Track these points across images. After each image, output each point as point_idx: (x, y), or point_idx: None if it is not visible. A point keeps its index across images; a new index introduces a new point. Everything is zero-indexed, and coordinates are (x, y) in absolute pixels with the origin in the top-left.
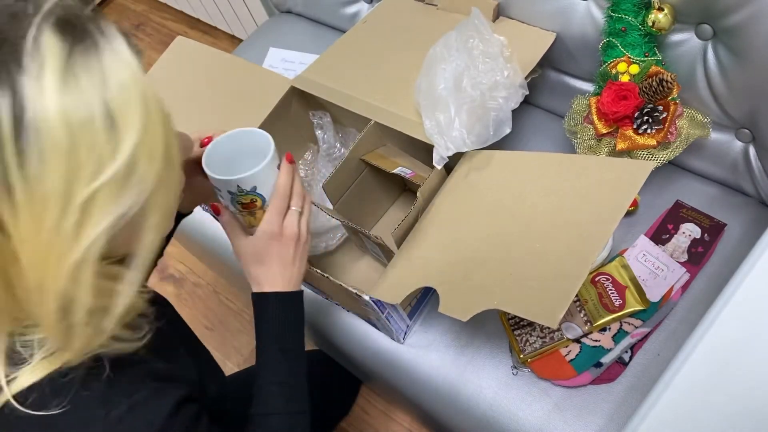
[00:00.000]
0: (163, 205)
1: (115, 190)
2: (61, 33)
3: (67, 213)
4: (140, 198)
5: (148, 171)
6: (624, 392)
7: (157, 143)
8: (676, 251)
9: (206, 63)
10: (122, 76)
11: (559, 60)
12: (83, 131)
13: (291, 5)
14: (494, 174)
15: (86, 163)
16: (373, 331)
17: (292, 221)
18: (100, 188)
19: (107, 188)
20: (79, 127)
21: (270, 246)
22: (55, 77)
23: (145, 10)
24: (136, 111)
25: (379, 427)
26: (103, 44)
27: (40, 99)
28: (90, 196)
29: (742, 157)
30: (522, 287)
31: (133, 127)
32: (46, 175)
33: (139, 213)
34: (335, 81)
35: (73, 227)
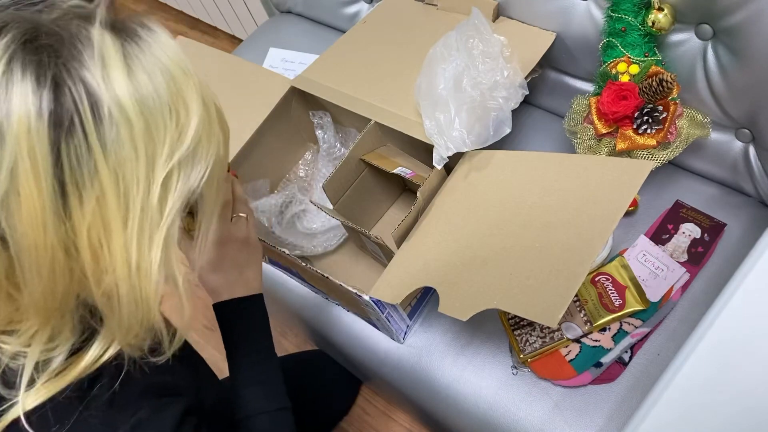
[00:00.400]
0: (216, 184)
1: (186, 167)
2: (111, 31)
3: (152, 192)
4: (204, 174)
5: (209, 149)
6: (624, 392)
7: (213, 123)
8: (676, 251)
9: (206, 63)
10: (174, 67)
11: (559, 60)
12: (154, 115)
13: (291, 5)
14: (494, 174)
15: (161, 144)
16: (373, 331)
17: (239, 227)
18: (175, 166)
19: (180, 166)
20: (150, 111)
21: (223, 252)
22: (120, 69)
23: (145, 10)
24: (192, 93)
25: (379, 427)
26: (150, 38)
27: (112, 90)
28: (168, 174)
29: (742, 157)
30: (522, 287)
31: (193, 109)
32: (129, 157)
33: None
34: (335, 81)
35: (157, 205)
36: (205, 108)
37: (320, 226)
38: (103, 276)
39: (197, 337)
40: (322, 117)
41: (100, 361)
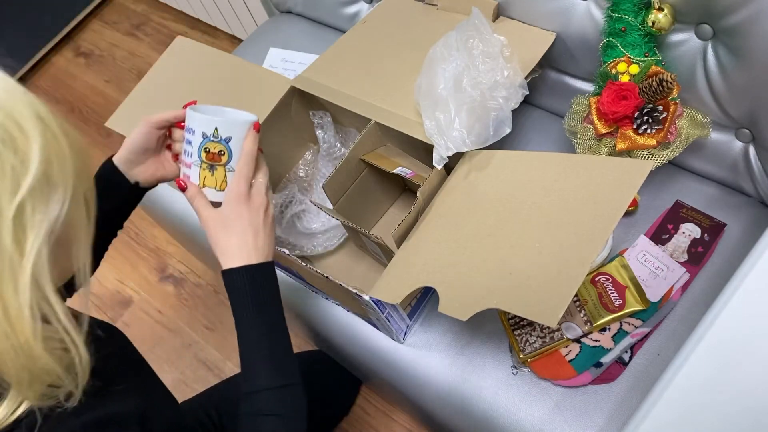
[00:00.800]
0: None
1: (40, 197)
2: None
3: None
4: (66, 197)
5: (64, 170)
6: (624, 392)
7: (59, 140)
8: (676, 251)
9: (206, 63)
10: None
11: (559, 60)
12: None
13: (291, 5)
14: (494, 174)
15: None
16: (373, 331)
17: (259, 190)
18: (26, 198)
19: (32, 198)
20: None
21: (239, 212)
22: None
23: (145, 10)
24: (28, 119)
25: (379, 427)
26: None
27: None
28: (19, 207)
29: (742, 157)
30: (521, 287)
31: (32, 135)
32: None
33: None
34: (335, 81)
35: (12, 243)
36: (46, 128)
37: (320, 226)
38: None
39: (198, 338)
40: (322, 117)
41: (13, 416)
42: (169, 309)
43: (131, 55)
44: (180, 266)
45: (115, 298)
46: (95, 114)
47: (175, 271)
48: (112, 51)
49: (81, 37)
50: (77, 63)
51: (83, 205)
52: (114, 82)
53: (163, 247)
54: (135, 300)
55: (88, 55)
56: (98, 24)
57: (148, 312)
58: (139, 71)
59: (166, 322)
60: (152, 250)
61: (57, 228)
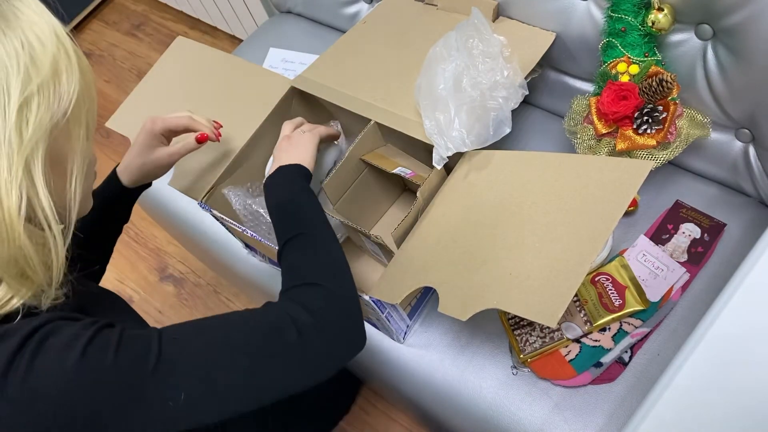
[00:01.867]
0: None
1: (46, 95)
2: None
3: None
4: (66, 111)
5: (71, 82)
6: (624, 392)
7: (72, 64)
8: (676, 251)
9: (206, 63)
10: (29, 11)
11: (558, 60)
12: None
13: (291, 5)
14: (494, 174)
15: (15, 72)
16: (373, 331)
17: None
18: (33, 94)
19: (39, 95)
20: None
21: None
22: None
23: (145, 10)
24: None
25: (379, 427)
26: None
27: None
28: (25, 101)
29: (741, 157)
30: (521, 287)
31: (48, 46)
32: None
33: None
34: (335, 81)
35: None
36: (60, 43)
37: None
38: None
39: None
40: None
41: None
42: (169, 309)
43: (131, 55)
44: (180, 266)
45: None
46: None
47: (175, 271)
48: (112, 51)
49: (81, 37)
50: None
51: (83, 124)
52: (114, 82)
53: (163, 247)
54: (135, 300)
55: (88, 55)
56: (98, 24)
57: (148, 312)
58: (139, 71)
59: (166, 321)
60: (152, 250)
61: (57, 131)
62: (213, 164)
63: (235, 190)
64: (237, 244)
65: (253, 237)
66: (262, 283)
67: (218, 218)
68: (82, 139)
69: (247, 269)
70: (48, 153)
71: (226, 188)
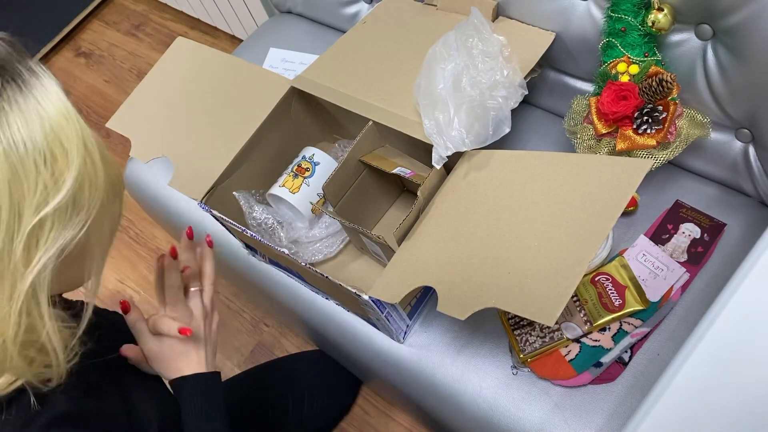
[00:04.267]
0: (104, 233)
1: (62, 217)
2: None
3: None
4: (86, 222)
5: (92, 199)
6: (624, 392)
7: (98, 175)
8: (676, 251)
9: (206, 63)
10: (55, 113)
11: (558, 60)
12: (24, 161)
13: (291, 5)
14: (493, 173)
15: (31, 192)
16: (373, 331)
17: (195, 303)
18: (47, 216)
19: (54, 216)
20: (20, 157)
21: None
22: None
23: (145, 10)
24: (74, 144)
25: (379, 427)
26: (33, 83)
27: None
28: (38, 223)
29: (741, 157)
30: (520, 286)
31: (73, 156)
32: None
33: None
34: (335, 81)
35: (22, 253)
36: (88, 155)
37: (319, 232)
38: None
39: None
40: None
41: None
42: None
43: (131, 55)
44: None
45: (115, 298)
46: (95, 114)
47: None
48: (112, 51)
49: (81, 37)
50: (77, 63)
51: (106, 228)
52: (114, 82)
53: (163, 247)
54: (135, 300)
55: (88, 55)
56: (98, 24)
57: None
58: (139, 71)
59: None
60: (152, 250)
61: (70, 248)
62: (213, 164)
63: (245, 194)
64: (237, 244)
65: (253, 237)
66: (262, 283)
67: (218, 218)
68: (103, 235)
69: (247, 269)
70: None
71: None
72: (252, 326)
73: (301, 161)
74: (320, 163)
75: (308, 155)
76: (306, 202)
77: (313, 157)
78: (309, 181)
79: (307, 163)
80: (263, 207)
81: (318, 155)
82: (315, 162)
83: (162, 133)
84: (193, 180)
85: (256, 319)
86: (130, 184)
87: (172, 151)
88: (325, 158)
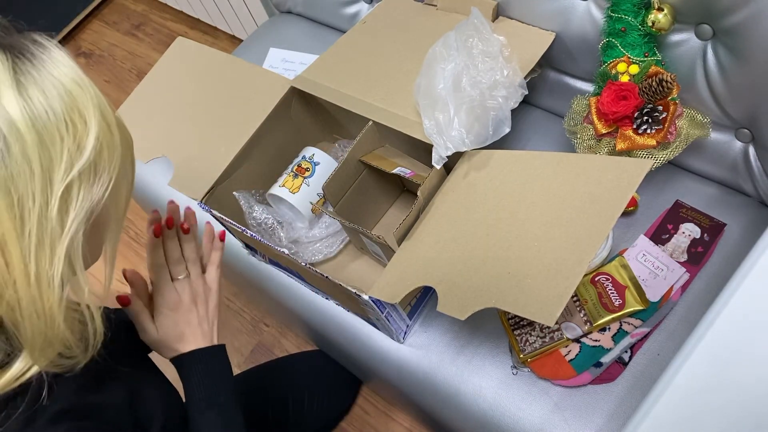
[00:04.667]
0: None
1: (87, 181)
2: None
3: (50, 204)
4: (109, 185)
5: (112, 159)
6: (624, 392)
7: (113, 134)
8: (676, 251)
9: (206, 63)
10: (69, 81)
11: (558, 60)
12: (49, 129)
13: (291, 5)
14: (493, 173)
15: (58, 158)
16: (373, 331)
17: (182, 287)
18: (74, 181)
19: (81, 177)
20: (44, 126)
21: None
22: (9, 86)
23: (145, 10)
24: (90, 106)
25: (379, 427)
26: (42, 54)
27: (1, 107)
28: (68, 186)
29: (741, 157)
30: (520, 286)
31: (91, 121)
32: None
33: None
34: (335, 81)
35: (57, 216)
36: (103, 119)
37: (318, 233)
38: (5, 290)
39: None
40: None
41: (22, 379)
42: None
43: (131, 55)
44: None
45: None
46: None
47: None
48: (112, 51)
49: (81, 37)
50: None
51: (123, 195)
52: (114, 82)
53: None
54: None
55: (88, 55)
56: (98, 24)
57: None
58: (139, 71)
59: None
60: None
61: (97, 210)
62: (213, 164)
63: (245, 194)
64: (237, 244)
65: (253, 237)
66: (262, 283)
67: (218, 218)
68: (121, 207)
69: (247, 269)
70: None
71: (237, 192)
72: (252, 326)
73: (301, 161)
74: (320, 163)
75: (308, 155)
76: (306, 202)
77: (313, 157)
78: (309, 181)
79: (307, 163)
80: (263, 207)
81: (318, 155)
82: (315, 162)
83: (162, 133)
84: (193, 180)
85: (256, 319)
86: None
87: (172, 151)
88: (325, 158)
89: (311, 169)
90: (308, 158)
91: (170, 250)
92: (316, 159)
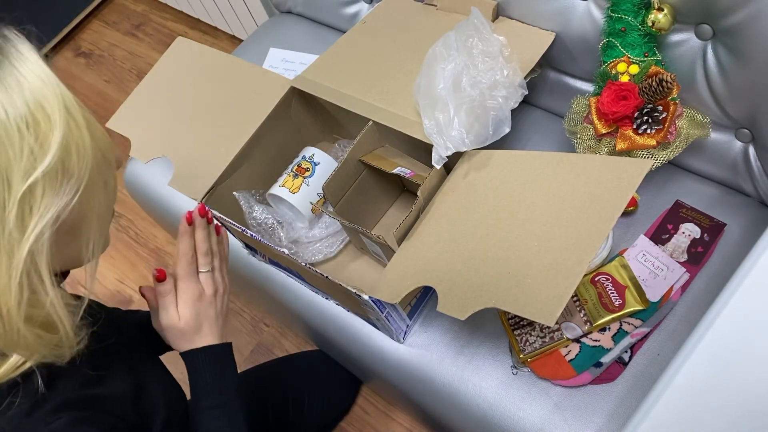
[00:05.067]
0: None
1: (52, 182)
2: None
3: (8, 207)
4: (77, 190)
5: (82, 162)
6: (624, 392)
7: (83, 138)
8: (676, 251)
9: (206, 63)
10: (33, 77)
11: (558, 60)
12: (7, 130)
13: (291, 5)
14: (493, 173)
15: (17, 158)
16: (373, 331)
17: (206, 280)
18: (37, 181)
19: (44, 181)
20: (2, 127)
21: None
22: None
23: (145, 10)
24: (56, 108)
25: (379, 427)
26: (8, 49)
27: None
28: (28, 189)
29: (741, 157)
30: (520, 286)
31: (57, 123)
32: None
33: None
34: (335, 81)
35: (16, 220)
36: (71, 118)
37: (318, 233)
38: None
39: None
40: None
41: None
42: None
43: (131, 55)
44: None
45: (115, 298)
46: (95, 114)
47: None
48: (112, 51)
49: (81, 37)
50: (77, 63)
51: (101, 193)
52: (114, 82)
53: (163, 247)
54: (135, 300)
55: (88, 55)
56: (98, 24)
57: None
58: (139, 71)
59: None
60: (152, 250)
61: (65, 214)
62: (213, 164)
63: (245, 194)
64: (237, 244)
65: (253, 237)
66: (262, 283)
67: (218, 218)
68: (98, 206)
69: (247, 269)
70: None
71: (237, 192)
72: (252, 326)
73: (301, 161)
74: (320, 163)
75: (308, 155)
76: (306, 202)
77: (313, 157)
78: (309, 181)
79: (307, 163)
80: (263, 207)
81: (318, 155)
82: (315, 162)
83: (162, 133)
84: (193, 180)
85: (256, 319)
86: (130, 184)
87: (172, 151)
88: (325, 158)
89: (311, 169)
90: (308, 158)
91: (200, 241)
92: (316, 159)
